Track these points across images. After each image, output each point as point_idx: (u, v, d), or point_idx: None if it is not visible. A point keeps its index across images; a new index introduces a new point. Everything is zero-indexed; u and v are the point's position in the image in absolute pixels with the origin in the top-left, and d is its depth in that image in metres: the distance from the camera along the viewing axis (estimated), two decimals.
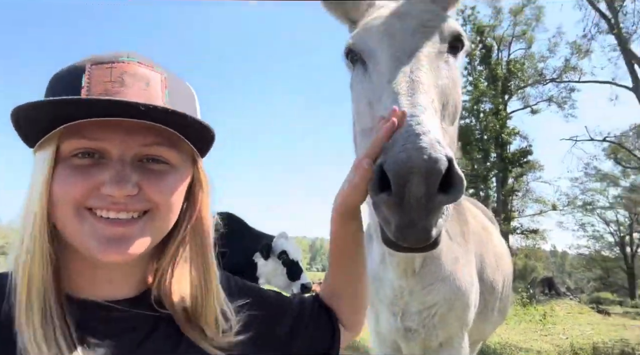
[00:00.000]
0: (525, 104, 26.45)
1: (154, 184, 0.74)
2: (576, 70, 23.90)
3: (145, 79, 0.73)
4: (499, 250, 2.54)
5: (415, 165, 0.76)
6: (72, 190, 0.69)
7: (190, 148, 0.80)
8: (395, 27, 1.13)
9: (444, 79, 1.10)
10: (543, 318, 10.97)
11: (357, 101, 1.22)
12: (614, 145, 26.21)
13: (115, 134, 0.71)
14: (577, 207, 32.41)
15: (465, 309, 1.83)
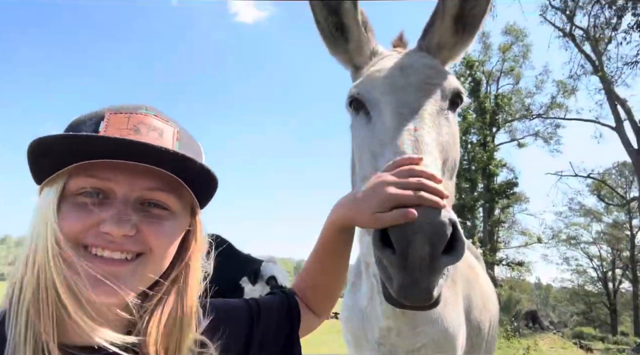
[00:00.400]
0: (512, 137, 27.09)
1: (152, 228, 0.76)
2: (562, 107, 24.65)
3: (159, 130, 0.77)
4: (485, 290, 2.55)
5: (420, 230, 0.78)
6: (71, 226, 0.71)
7: (191, 198, 0.83)
8: (399, 83, 1.16)
9: (444, 136, 1.13)
10: (527, 352, 10.92)
11: (360, 149, 1.24)
12: (597, 182, 26.81)
13: (123, 176, 0.74)
14: (562, 240, 32.85)
15: (453, 351, 1.82)
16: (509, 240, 28.83)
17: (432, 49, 1.34)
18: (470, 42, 1.37)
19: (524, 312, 21.83)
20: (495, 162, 23.94)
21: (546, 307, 48.56)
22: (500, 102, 24.55)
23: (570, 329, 24.01)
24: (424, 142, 1.00)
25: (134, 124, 0.75)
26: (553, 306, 49.92)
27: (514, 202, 27.28)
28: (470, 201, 23.30)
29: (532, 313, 21.66)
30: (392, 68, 1.21)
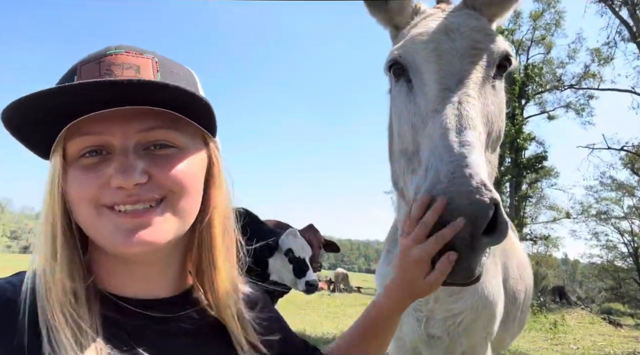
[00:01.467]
0: (542, 110, 26.14)
1: (163, 170, 0.72)
2: (596, 77, 23.54)
3: (134, 66, 0.71)
4: (521, 260, 2.53)
5: (461, 209, 0.76)
6: (85, 190, 0.69)
7: (196, 127, 0.77)
8: (444, 48, 1.09)
9: (490, 106, 1.08)
10: (554, 327, 10.85)
11: (399, 120, 1.20)
12: (631, 155, 25.77)
13: (115, 125, 0.70)
14: (591, 216, 31.95)
15: (492, 319, 1.82)
16: (536, 215, 28.26)
17: (478, 5, 1.25)
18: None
19: (551, 288, 21.63)
20: (524, 135, 23.26)
21: (573, 283, 47.85)
22: (530, 73, 23.62)
23: (598, 305, 23.71)
24: (468, 116, 0.95)
25: (106, 68, 0.69)
26: (580, 282, 49.16)
27: (543, 177, 26.56)
28: (497, 176, 22.82)
29: (559, 288, 21.45)
30: (436, 31, 1.14)
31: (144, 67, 0.72)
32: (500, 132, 1.15)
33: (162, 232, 0.71)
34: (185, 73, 0.80)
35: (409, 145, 1.12)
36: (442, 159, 0.85)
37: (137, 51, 0.74)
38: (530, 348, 8.29)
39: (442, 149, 0.87)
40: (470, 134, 0.91)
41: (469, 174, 0.80)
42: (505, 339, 2.47)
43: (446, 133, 0.91)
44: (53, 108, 0.66)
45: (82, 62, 0.72)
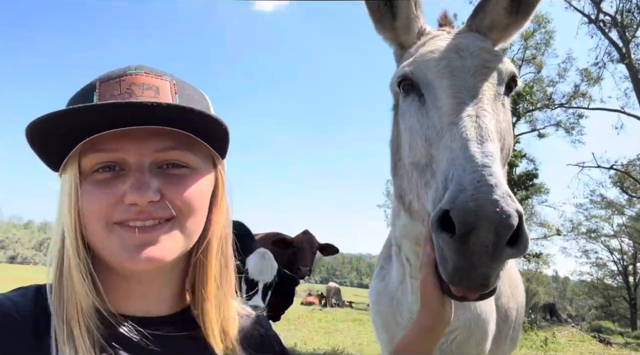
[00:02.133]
0: (533, 128, 26.48)
1: (176, 190, 0.74)
2: (585, 96, 23.99)
3: (154, 87, 0.73)
4: (513, 277, 2.53)
5: (486, 217, 0.76)
6: (97, 205, 0.70)
7: (207, 149, 0.79)
8: (455, 64, 1.11)
9: (502, 123, 1.09)
10: (544, 344, 10.83)
11: (410, 133, 1.19)
12: (620, 174, 26.15)
13: (131, 143, 0.71)
14: (581, 233, 32.25)
15: (484, 337, 1.82)
16: None
17: (482, 30, 1.28)
18: (525, 23, 1.31)
19: (542, 305, 21.63)
20: (515, 152, 23.47)
21: (563, 300, 47.95)
22: (521, 91, 23.96)
23: (588, 323, 23.71)
24: (487, 128, 0.96)
25: (126, 87, 0.71)
26: (570, 299, 49.26)
27: (533, 194, 26.79)
28: None
29: (550, 306, 21.45)
30: (446, 49, 1.16)
31: (163, 89, 0.74)
32: (510, 148, 1.18)
33: (168, 249, 0.73)
34: (199, 96, 0.83)
35: (421, 158, 1.12)
36: (464, 169, 0.85)
37: (156, 73, 0.76)
38: None
39: (463, 159, 0.88)
40: (491, 145, 0.92)
41: (494, 183, 0.80)
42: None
43: (467, 144, 0.92)
44: (73, 125, 0.68)
45: (102, 80, 0.73)
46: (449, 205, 0.80)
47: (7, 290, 0.74)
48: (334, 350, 8.01)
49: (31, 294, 0.73)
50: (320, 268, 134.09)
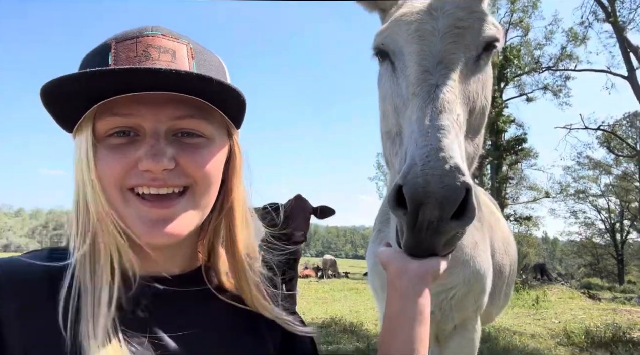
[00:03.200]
0: (521, 92, 26.54)
1: (191, 158, 0.73)
2: (572, 58, 23.97)
3: (171, 51, 0.71)
4: (506, 235, 2.60)
5: (433, 192, 0.77)
6: (111, 170, 0.69)
7: (223, 119, 0.78)
8: (426, 28, 1.08)
9: (472, 85, 1.06)
10: (535, 303, 11.17)
11: (383, 100, 1.19)
12: (607, 134, 26.44)
13: (147, 108, 0.70)
14: (570, 194, 32.86)
15: (482, 292, 1.87)
16: (517, 196, 28.90)
17: None
18: None
19: (532, 266, 22.19)
20: (504, 118, 23.60)
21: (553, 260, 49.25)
22: (508, 55, 23.89)
23: (577, 281, 24.43)
24: (445, 99, 0.94)
25: (143, 49, 0.69)
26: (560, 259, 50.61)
27: (523, 158, 27.12)
28: (478, 159, 23.11)
29: (540, 266, 22.01)
30: (420, 10, 1.12)
31: (180, 53, 0.72)
32: (484, 109, 1.14)
33: (184, 224, 0.73)
34: (216, 62, 0.80)
35: (392, 127, 1.12)
36: (416, 143, 0.86)
37: (173, 35, 0.73)
38: (513, 324, 8.53)
39: (417, 133, 0.88)
40: (446, 117, 0.91)
41: (442, 158, 0.81)
42: (492, 312, 2.55)
43: (422, 117, 0.92)
44: (90, 87, 0.66)
45: (117, 40, 0.71)
46: (402, 180, 0.82)
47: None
48: (332, 319, 8.20)
49: (45, 256, 0.73)
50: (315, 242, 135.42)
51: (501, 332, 7.37)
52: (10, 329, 0.61)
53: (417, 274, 0.85)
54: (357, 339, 6.67)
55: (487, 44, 1.11)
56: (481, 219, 1.96)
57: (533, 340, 7.05)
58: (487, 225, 2.22)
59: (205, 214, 0.79)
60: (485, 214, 2.24)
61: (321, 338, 6.73)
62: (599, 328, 7.40)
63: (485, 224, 2.05)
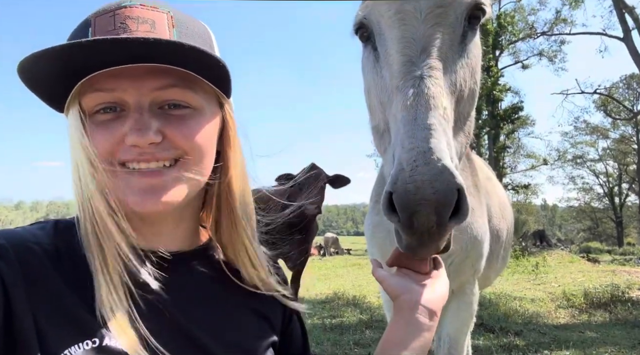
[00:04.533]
0: (516, 59, 26.29)
1: (178, 130, 0.71)
2: (567, 22, 23.63)
3: (149, 20, 0.69)
4: (502, 200, 2.60)
5: (424, 198, 0.75)
6: (100, 147, 0.69)
7: (211, 88, 0.76)
8: (407, 9, 1.00)
9: (459, 71, 1.01)
10: (535, 268, 11.31)
11: (368, 93, 1.13)
12: (604, 98, 26.32)
13: (128, 81, 0.68)
14: (567, 160, 32.96)
15: (479, 257, 1.89)
16: (515, 164, 28.98)
17: None
18: None
19: (531, 233, 22.44)
20: (500, 87, 23.44)
21: (553, 226, 49.77)
22: (503, 22, 23.55)
23: (577, 245, 24.78)
24: (430, 95, 0.89)
25: (121, 21, 0.67)
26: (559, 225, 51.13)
27: (520, 126, 27.07)
28: (475, 129, 23.06)
29: (540, 232, 22.27)
30: None
31: (159, 22, 0.70)
32: (473, 90, 1.09)
33: (175, 193, 0.72)
34: (200, 29, 0.78)
35: (380, 122, 1.07)
36: (403, 145, 0.82)
37: (152, 4, 0.71)
38: (514, 290, 8.67)
39: (403, 135, 0.84)
40: (432, 115, 0.86)
41: (430, 160, 0.77)
42: (489, 276, 2.58)
43: (407, 116, 0.86)
44: (68, 63, 0.65)
45: (96, 14, 0.69)
46: (392, 187, 0.79)
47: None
48: (335, 293, 8.32)
49: (50, 227, 0.73)
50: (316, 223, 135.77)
51: (501, 298, 7.49)
52: (17, 295, 0.61)
53: (430, 309, 0.84)
54: (360, 311, 6.78)
55: (470, 11, 1.03)
56: (477, 185, 1.96)
57: (533, 304, 7.18)
58: (484, 191, 2.22)
59: (199, 184, 0.77)
60: (482, 179, 2.24)
61: (325, 312, 6.84)
62: (598, 289, 7.53)
63: (482, 189, 2.05)
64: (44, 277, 0.65)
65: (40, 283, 0.64)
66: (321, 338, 5.21)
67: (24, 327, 0.60)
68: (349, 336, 5.30)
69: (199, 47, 0.66)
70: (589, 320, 6.19)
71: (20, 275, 0.63)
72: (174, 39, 0.69)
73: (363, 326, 5.75)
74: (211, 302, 0.80)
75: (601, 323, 6.06)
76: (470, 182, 1.90)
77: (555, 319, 6.30)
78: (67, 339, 0.62)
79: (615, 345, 4.83)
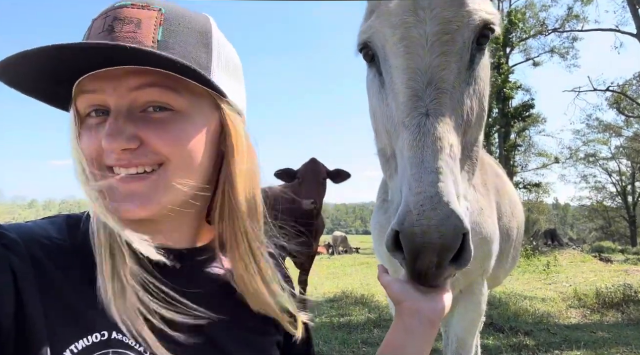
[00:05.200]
0: (527, 57, 25.99)
1: (155, 134, 0.68)
2: (579, 18, 23.31)
3: (135, 19, 0.67)
4: (513, 198, 2.57)
5: (430, 242, 0.76)
6: (87, 150, 0.69)
7: (202, 89, 0.72)
8: (412, 35, 0.97)
9: (467, 102, 0.98)
10: (546, 267, 11.19)
11: (374, 117, 1.11)
12: (616, 95, 25.93)
13: (107, 83, 0.67)
14: (580, 159, 32.55)
15: (488, 256, 1.86)
16: (526, 163, 28.67)
17: None
18: None
19: (543, 232, 22.18)
20: (510, 84, 23.19)
21: (564, 225, 49.22)
22: (513, 19, 23.25)
23: (589, 245, 24.44)
24: (437, 136, 0.87)
25: (109, 22, 0.67)
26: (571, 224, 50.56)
27: (530, 124, 26.78)
28: (485, 128, 22.84)
29: (551, 231, 21.98)
30: (406, 9, 0.99)
31: (146, 21, 0.68)
32: (481, 116, 1.06)
33: (153, 201, 0.70)
34: (195, 25, 0.75)
35: (386, 148, 1.05)
36: (410, 187, 0.82)
37: (143, 3, 0.70)
38: (524, 289, 8.58)
39: (410, 177, 0.83)
40: (439, 157, 0.85)
41: (437, 205, 0.78)
42: (499, 275, 2.55)
43: (413, 158, 0.86)
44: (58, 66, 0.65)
45: (97, 16, 0.70)
46: (398, 226, 0.80)
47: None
48: (343, 292, 8.31)
49: (61, 222, 0.73)
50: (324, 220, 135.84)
51: (511, 297, 7.43)
52: (27, 287, 0.61)
53: (429, 318, 0.84)
54: (369, 310, 6.77)
55: (479, 32, 0.99)
56: (487, 183, 1.93)
57: (544, 304, 7.10)
58: (493, 189, 2.19)
59: (184, 193, 0.74)
60: (491, 176, 2.21)
61: (333, 310, 6.84)
62: (610, 289, 7.42)
63: (491, 188, 2.03)
64: (54, 270, 0.65)
65: (50, 276, 0.65)
66: (329, 337, 5.20)
67: (34, 320, 0.60)
68: (357, 335, 5.29)
69: (170, 56, 0.64)
70: (600, 321, 6.11)
71: (31, 268, 0.63)
72: (159, 37, 0.68)
73: (371, 325, 5.73)
74: (215, 299, 0.79)
75: (613, 323, 5.97)
76: (479, 180, 1.87)
77: (566, 318, 6.23)
78: (76, 332, 0.62)
79: (627, 346, 4.76)
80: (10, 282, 0.60)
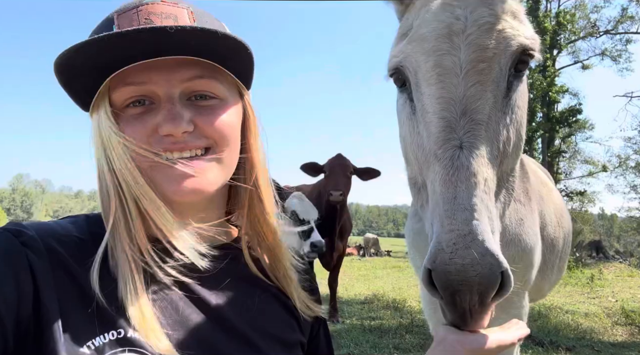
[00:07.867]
0: (576, 59, 24.83)
1: (207, 120, 0.75)
2: (633, 19, 22.07)
3: (172, 15, 0.72)
4: (559, 206, 2.44)
5: (466, 281, 0.72)
6: (135, 139, 0.71)
7: (233, 80, 0.80)
8: (446, 63, 0.92)
9: (504, 133, 0.93)
10: (590, 281, 10.66)
11: (404, 144, 1.07)
12: None
13: (158, 74, 0.72)
14: (630, 168, 30.75)
15: (528, 268, 1.77)
16: (570, 170, 27.39)
17: None
18: None
19: (587, 243, 21.16)
20: (556, 88, 22.22)
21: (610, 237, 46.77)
22: (562, 20, 22.27)
23: (637, 258, 23.08)
24: (471, 171, 0.83)
25: (145, 17, 0.70)
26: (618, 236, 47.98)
27: (577, 130, 25.54)
28: (528, 132, 22.11)
29: (596, 243, 20.94)
30: (440, 34, 0.94)
31: (181, 17, 0.73)
32: (518, 146, 1.00)
33: (209, 180, 0.75)
34: (215, 24, 0.80)
35: (417, 177, 1.03)
36: (442, 224, 0.78)
37: (172, 1, 0.75)
38: (566, 302, 8.20)
39: (442, 213, 0.80)
40: (473, 194, 0.80)
41: (470, 244, 0.74)
42: (543, 287, 2.43)
43: (446, 193, 0.82)
44: (98, 58, 0.67)
45: (118, 12, 0.73)
46: (431, 265, 0.76)
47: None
48: (374, 295, 8.22)
49: (81, 221, 0.75)
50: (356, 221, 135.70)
51: (552, 311, 7.12)
52: (45, 284, 0.63)
53: (453, 346, 0.79)
54: (401, 314, 6.66)
55: (517, 58, 0.94)
56: (528, 191, 1.84)
57: (587, 319, 6.76)
58: (537, 197, 2.09)
59: (229, 173, 0.81)
60: (535, 185, 2.10)
61: (364, 313, 6.78)
62: None
63: (535, 196, 1.93)
64: (72, 268, 0.67)
65: (68, 274, 0.66)
66: (360, 339, 5.16)
67: (50, 316, 0.61)
68: (389, 339, 5.22)
69: (229, 33, 0.70)
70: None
71: (49, 265, 0.64)
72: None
73: (403, 330, 5.65)
74: (241, 293, 0.81)
75: None
76: (520, 189, 1.78)
77: (612, 336, 5.90)
78: (92, 329, 0.63)
79: None
80: (29, 281, 0.61)
